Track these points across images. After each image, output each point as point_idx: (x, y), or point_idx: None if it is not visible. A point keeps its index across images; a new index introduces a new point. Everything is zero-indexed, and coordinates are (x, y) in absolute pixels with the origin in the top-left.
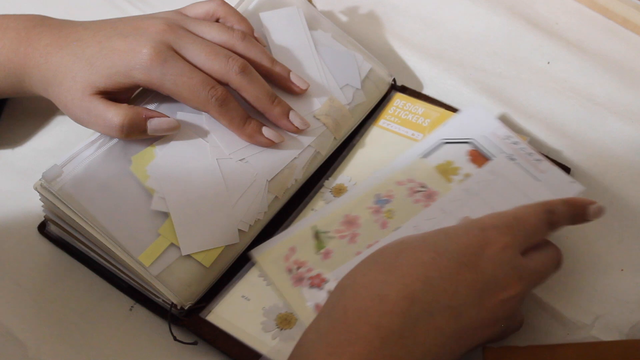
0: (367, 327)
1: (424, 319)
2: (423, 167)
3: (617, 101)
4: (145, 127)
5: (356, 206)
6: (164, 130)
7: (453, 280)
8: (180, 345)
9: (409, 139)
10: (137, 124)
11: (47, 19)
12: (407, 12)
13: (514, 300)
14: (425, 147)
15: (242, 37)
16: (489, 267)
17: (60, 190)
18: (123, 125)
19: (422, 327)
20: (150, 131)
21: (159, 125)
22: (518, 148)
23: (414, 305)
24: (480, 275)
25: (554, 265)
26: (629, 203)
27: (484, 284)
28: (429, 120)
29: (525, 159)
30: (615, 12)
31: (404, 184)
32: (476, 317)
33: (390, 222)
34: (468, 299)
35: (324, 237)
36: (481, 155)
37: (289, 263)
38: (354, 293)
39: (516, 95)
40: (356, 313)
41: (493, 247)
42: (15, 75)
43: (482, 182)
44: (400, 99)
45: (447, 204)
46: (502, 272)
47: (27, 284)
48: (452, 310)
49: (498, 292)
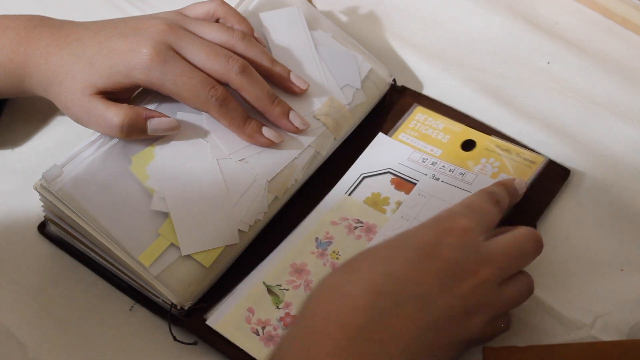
0: (333, 326)
1: (391, 310)
2: (352, 204)
3: (617, 101)
4: (146, 127)
5: (300, 253)
6: (164, 130)
7: (417, 270)
8: (180, 346)
9: (428, 154)
10: (137, 124)
11: (47, 19)
12: (407, 12)
13: (485, 287)
14: (348, 184)
15: (242, 37)
16: (451, 254)
17: (60, 190)
18: (123, 125)
19: (390, 320)
20: (150, 131)
21: (159, 125)
22: (438, 167)
23: (379, 299)
24: (443, 263)
25: (528, 291)
26: (629, 203)
27: (448, 270)
28: (449, 136)
29: (448, 175)
30: (615, 12)
31: (339, 224)
32: (448, 306)
33: (339, 262)
34: (434, 287)
35: (278, 291)
36: (405, 182)
37: (252, 325)
38: (320, 297)
39: (516, 95)
40: (323, 315)
41: (452, 234)
42: (15, 75)
43: (416, 206)
44: (422, 113)
45: (390, 233)
46: (465, 256)
47: (27, 284)
48: (419, 300)
49: (465, 277)
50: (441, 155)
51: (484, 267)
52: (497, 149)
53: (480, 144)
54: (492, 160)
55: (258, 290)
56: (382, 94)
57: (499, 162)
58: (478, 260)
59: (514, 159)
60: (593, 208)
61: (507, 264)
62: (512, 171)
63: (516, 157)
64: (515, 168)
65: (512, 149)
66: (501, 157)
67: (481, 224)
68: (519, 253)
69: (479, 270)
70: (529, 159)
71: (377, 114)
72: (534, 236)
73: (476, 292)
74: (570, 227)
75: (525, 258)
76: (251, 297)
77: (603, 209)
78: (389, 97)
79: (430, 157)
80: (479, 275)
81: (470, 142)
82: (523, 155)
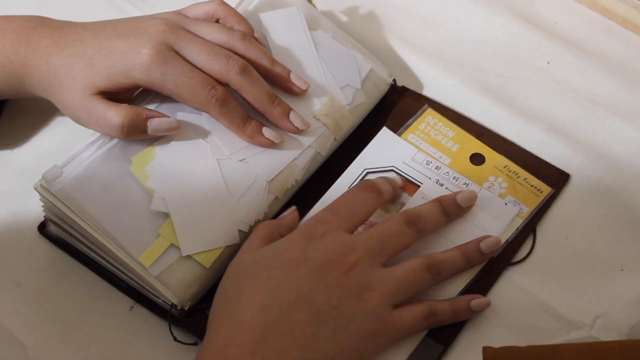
0: (234, 348)
1: (281, 318)
2: None
3: (617, 101)
4: (146, 127)
5: None
6: (164, 130)
7: (292, 279)
8: (180, 346)
9: (437, 160)
10: (137, 124)
11: (46, 19)
12: (407, 12)
13: (359, 269)
14: (351, 178)
15: (242, 38)
16: (317, 255)
17: (60, 190)
18: (123, 125)
19: (283, 326)
20: (151, 131)
21: (159, 125)
22: (442, 173)
23: (267, 313)
24: (313, 263)
25: (421, 269)
26: (629, 203)
27: (319, 268)
28: (458, 145)
29: (452, 183)
30: (615, 12)
31: None
32: (329, 297)
33: None
34: (312, 286)
35: None
36: (409, 183)
37: None
38: (218, 327)
39: (516, 95)
40: (223, 341)
41: (315, 240)
42: (15, 76)
43: None
44: (432, 116)
45: None
46: (332, 251)
47: (27, 284)
48: (302, 302)
49: (335, 267)
50: (450, 164)
51: (352, 253)
52: (505, 169)
53: (490, 161)
54: (501, 180)
55: None
56: (382, 94)
57: (506, 184)
58: (344, 250)
59: (522, 184)
60: (593, 208)
61: (374, 245)
62: (519, 196)
63: (524, 183)
64: (522, 193)
65: (520, 172)
66: (509, 178)
67: (346, 220)
68: (387, 235)
69: (346, 257)
70: (536, 186)
71: (377, 114)
72: (403, 218)
73: (352, 276)
74: (570, 227)
75: (393, 239)
76: None
77: (603, 209)
78: (389, 97)
79: (434, 161)
80: (348, 261)
81: (480, 157)
82: (531, 181)
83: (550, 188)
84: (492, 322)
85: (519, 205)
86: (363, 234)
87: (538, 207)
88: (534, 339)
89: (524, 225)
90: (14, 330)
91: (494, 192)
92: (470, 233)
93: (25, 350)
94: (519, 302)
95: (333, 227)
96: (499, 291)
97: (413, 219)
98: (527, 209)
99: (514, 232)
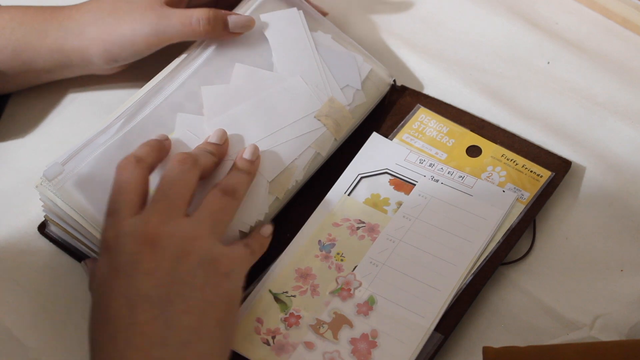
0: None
1: (127, 316)
2: (352, 205)
3: (617, 101)
4: (227, 22)
5: (303, 258)
6: (242, 25)
7: (114, 285)
8: None
9: (434, 157)
10: (221, 18)
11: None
12: (407, 12)
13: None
14: (346, 185)
15: None
16: (117, 254)
17: (61, 189)
18: (209, 17)
19: (140, 320)
20: (232, 25)
21: (238, 20)
22: (436, 169)
23: (116, 322)
24: (117, 264)
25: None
26: (629, 203)
27: (123, 264)
28: (454, 140)
29: (447, 177)
30: (615, 12)
31: (341, 225)
32: (149, 282)
33: (344, 264)
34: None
35: (285, 298)
36: (404, 183)
37: (262, 335)
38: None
39: (516, 95)
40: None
41: (106, 251)
42: (37, 30)
43: (417, 207)
44: (425, 114)
45: (393, 232)
46: (128, 245)
47: (27, 284)
48: (127, 298)
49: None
50: (446, 160)
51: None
52: (503, 158)
53: (486, 152)
54: (499, 169)
55: (265, 300)
56: (383, 94)
57: (505, 172)
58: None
59: (521, 171)
60: (593, 208)
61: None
62: (519, 182)
63: (523, 169)
64: (522, 180)
65: (518, 159)
66: (508, 167)
67: (121, 206)
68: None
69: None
70: (536, 172)
71: (377, 115)
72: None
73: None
74: (570, 227)
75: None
76: (258, 307)
77: (603, 209)
78: (389, 97)
79: (428, 159)
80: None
81: (476, 148)
82: (530, 167)
83: (550, 172)
84: (492, 322)
85: (520, 191)
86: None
87: (539, 191)
88: (534, 339)
89: (526, 211)
90: (14, 330)
91: (493, 182)
92: (470, 223)
93: (25, 350)
94: (519, 302)
95: (112, 223)
96: (499, 291)
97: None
98: (528, 194)
99: (516, 218)
